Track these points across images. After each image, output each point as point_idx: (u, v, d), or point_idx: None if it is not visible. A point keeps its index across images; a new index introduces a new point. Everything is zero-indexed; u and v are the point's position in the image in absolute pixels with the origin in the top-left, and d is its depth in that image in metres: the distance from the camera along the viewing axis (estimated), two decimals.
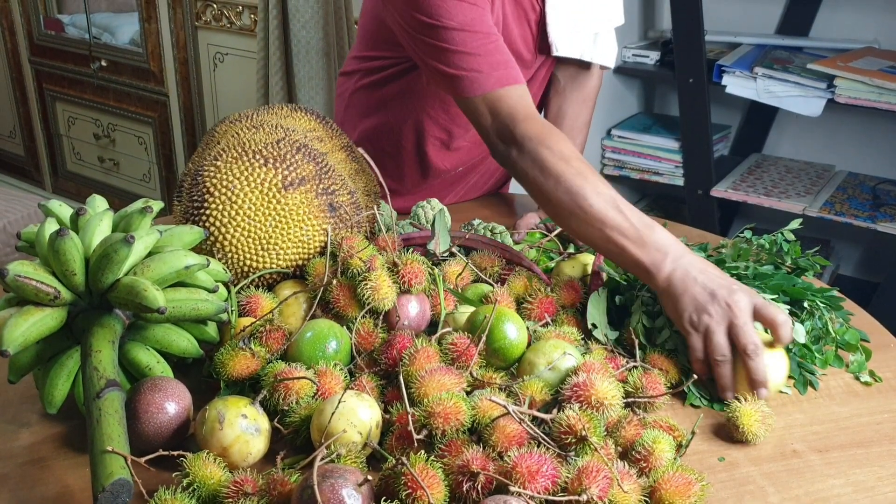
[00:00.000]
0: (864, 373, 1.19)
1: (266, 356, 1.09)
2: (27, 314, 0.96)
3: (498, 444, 0.91)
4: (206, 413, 0.96)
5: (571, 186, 1.21)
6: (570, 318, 1.22)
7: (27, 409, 1.09)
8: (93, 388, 0.92)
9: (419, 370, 1.02)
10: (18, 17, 4.12)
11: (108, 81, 3.90)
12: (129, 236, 0.96)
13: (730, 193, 2.79)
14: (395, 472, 0.86)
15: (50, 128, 4.31)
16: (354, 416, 0.95)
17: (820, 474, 0.98)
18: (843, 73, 2.50)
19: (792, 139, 3.09)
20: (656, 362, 1.12)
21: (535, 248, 1.42)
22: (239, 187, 1.21)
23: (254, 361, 1.07)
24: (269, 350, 1.10)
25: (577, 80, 1.72)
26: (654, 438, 0.94)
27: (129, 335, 1.06)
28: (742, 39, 2.90)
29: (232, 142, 1.29)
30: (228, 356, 1.06)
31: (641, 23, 3.15)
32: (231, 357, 1.06)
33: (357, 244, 1.19)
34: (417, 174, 1.70)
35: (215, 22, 3.34)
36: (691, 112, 2.76)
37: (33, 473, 0.98)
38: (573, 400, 0.97)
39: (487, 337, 1.08)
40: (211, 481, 0.90)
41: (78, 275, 0.98)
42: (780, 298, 1.21)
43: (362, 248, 1.18)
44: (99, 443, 0.87)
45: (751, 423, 1.02)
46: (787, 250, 1.32)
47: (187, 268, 1.04)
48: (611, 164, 3.09)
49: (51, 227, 1.01)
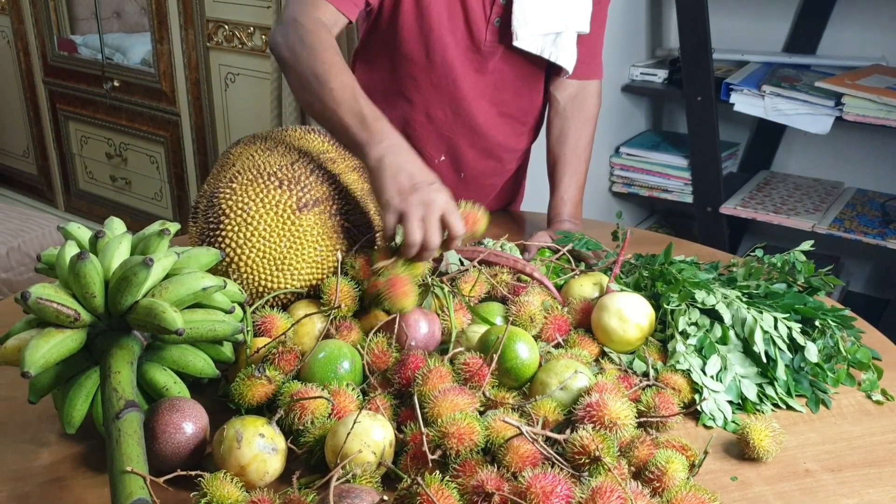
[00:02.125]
0: (876, 391, 1.19)
1: (280, 378, 1.10)
2: (48, 336, 0.97)
3: (512, 465, 0.92)
4: (225, 432, 0.97)
5: (319, 72, 1.34)
6: (583, 338, 1.23)
7: (46, 428, 1.11)
8: (112, 408, 0.94)
9: (432, 390, 1.03)
10: (33, 39, 4.16)
11: (120, 101, 3.94)
12: (149, 259, 0.98)
13: (739, 210, 2.80)
14: (411, 492, 0.87)
15: (63, 147, 4.35)
16: (368, 437, 0.96)
17: (833, 494, 0.99)
18: (850, 91, 2.51)
19: (800, 156, 3.10)
20: (669, 381, 1.13)
21: (546, 266, 1.43)
22: (254, 209, 1.23)
23: (269, 387, 1.08)
24: (283, 371, 1.11)
25: (576, 100, 1.74)
26: (667, 458, 0.94)
27: (146, 356, 1.08)
28: (749, 58, 2.91)
29: (247, 164, 1.31)
30: (245, 386, 1.07)
31: (649, 41, 3.17)
32: (247, 386, 1.07)
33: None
34: None
35: (227, 43, 3.38)
36: (700, 129, 2.77)
37: (53, 492, 0.99)
38: (586, 420, 0.98)
39: (499, 357, 1.09)
40: (228, 501, 0.91)
41: (98, 297, 1.00)
42: (792, 317, 1.21)
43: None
44: (118, 463, 0.88)
45: (762, 440, 1.02)
46: (801, 269, 1.32)
47: (205, 290, 1.06)
48: (619, 182, 3.10)
49: (71, 250, 1.03)
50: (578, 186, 1.74)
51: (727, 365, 1.16)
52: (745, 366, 1.17)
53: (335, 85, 1.32)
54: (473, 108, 1.66)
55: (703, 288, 1.24)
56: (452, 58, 1.59)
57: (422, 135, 1.69)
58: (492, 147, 1.73)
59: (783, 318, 1.20)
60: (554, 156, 1.74)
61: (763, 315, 1.19)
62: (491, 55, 1.61)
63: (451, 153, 1.73)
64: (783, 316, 1.20)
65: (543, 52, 1.63)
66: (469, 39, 1.58)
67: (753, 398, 1.14)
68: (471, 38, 1.58)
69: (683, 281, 1.26)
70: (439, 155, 1.72)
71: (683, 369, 1.15)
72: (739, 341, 1.19)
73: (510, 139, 1.76)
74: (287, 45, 1.40)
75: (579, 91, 1.74)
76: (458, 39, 1.59)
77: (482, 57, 1.61)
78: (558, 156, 1.74)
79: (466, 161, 1.74)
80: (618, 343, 1.21)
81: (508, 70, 1.66)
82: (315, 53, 1.36)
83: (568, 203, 1.71)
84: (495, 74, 1.65)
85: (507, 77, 1.66)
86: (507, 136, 1.74)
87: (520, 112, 1.73)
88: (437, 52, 1.58)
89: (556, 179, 1.74)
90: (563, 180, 1.73)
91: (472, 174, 1.77)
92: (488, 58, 1.62)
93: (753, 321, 1.18)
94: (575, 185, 1.73)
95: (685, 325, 1.20)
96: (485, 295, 1.33)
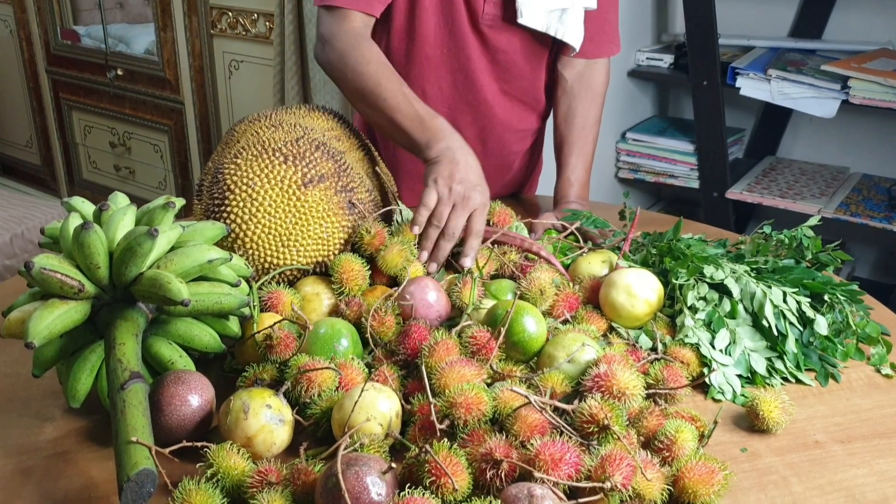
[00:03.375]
0: (885, 365, 1.18)
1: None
2: (52, 307, 0.97)
3: (520, 434, 0.91)
4: (231, 403, 0.96)
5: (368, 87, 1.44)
6: (591, 314, 1.22)
7: (51, 403, 1.10)
8: (117, 380, 0.93)
9: (439, 362, 1.02)
10: (36, 28, 4.15)
11: (123, 90, 3.93)
12: (153, 229, 0.97)
13: (745, 195, 2.79)
14: (419, 460, 0.86)
15: (66, 137, 4.34)
16: (374, 409, 0.95)
17: (843, 464, 0.98)
18: (857, 74, 2.50)
19: (806, 142, 3.09)
20: (677, 355, 1.12)
21: (553, 245, 1.42)
22: (259, 184, 1.22)
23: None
24: (283, 358, 1.09)
25: (584, 77, 1.71)
26: (676, 428, 0.93)
27: (151, 330, 1.07)
28: (755, 42, 2.90)
29: (252, 140, 1.30)
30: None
31: (655, 26, 3.15)
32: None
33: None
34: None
35: (231, 30, 3.37)
36: (706, 114, 2.76)
37: (58, 466, 0.99)
38: (594, 390, 0.97)
39: (507, 330, 1.08)
40: (235, 472, 0.90)
41: (102, 268, 0.99)
42: (801, 292, 1.20)
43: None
44: (123, 434, 0.88)
45: (771, 411, 1.01)
46: (808, 245, 1.31)
47: (210, 262, 1.05)
48: (626, 168, 3.09)
49: (75, 221, 1.02)
50: (585, 167, 1.72)
51: (736, 339, 1.16)
52: (754, 340, 1.16)
53: (387, 94, 1.42)
54: (478, 84, 1.64)
55: (712, 263, 1.23)
56: (458, 31, 1.58)
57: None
58: (493, 125, 1.71)
59: (792, 292, 1.19)
60: (561, 135, 1.73)
61: (772, 289, 1.18)
62: (491, 30, 1.59)
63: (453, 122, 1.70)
64: (792, 290, 1.19)
65: (549, 30, 1.60)
66: (469, 14, 1.57)
67: (763, 372, 1.13)
68: (469, 11, 1.57)
69: (692, 255, 1.25)
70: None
71: (692, 343, 1.15)
72: (748, 315, 1.18)
73: (513, 119, 1.73)
74: (331, 64, 1.50)
75: (587, 68, 1.72)
76: (459, 13, 1.57)
77: (482, 33, 1.59)
78: (565, 136, 1.72)
79: (472, 144, 1.71)
80: (626, 319, 1.21)
81: (512, 48, 1.64)
82: (359, 69, 1.45)
83: (575, 184, 1.70)
84: (499, 53, 1.63)
85: (511, 55, 1.65)
86: (510, 114, 1.72)
87: (522, 91, 1.71)
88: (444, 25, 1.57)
89: (563, 160, 1.72)
90: (569, 161, 1.71)
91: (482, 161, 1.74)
92: (488, 34, 1.60)
93: (763, 295, 1.17)
94: (582, 166, 1.71)
95: (694, 300, 1.19)
96: (493, 273, 1.32)
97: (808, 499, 0.93)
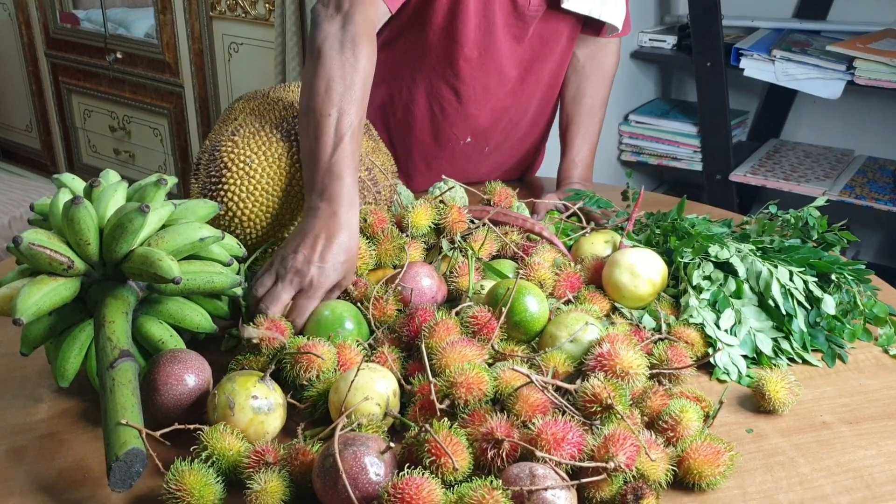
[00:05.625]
0: (893, 346, 1.16)
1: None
2: (40, 283, 0.94)
3: (522, 413, 0.89)
4: (216, 399, 0.93)
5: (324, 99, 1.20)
6: (594, 294, 1.20)
7: (44, 384, 1.08)
8: (106, 358, 0.91)
9: (440, 342, 1.00)
10: (35, 12, 4.12)
11: (123, 73, 3.90)
12: (144, 206, 0.95)
13: (749, 178, 2.76)
14: (419, 439, 0.84)
15: (66, 121, 4.31)
16: (370, 390, 0.93)
17: (851, 445, 0.96)
18: (862, 55, 2.47)
19: (810, 124, 3.06)
20: (682, 335, 1.10)
21: (555, 225, 1.40)
22: (256, 162, 1.20)
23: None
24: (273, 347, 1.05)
25: (596, 57, 1.69)
26: (681, 408, 0.91)
27: (142, 309, 1.05)
28: (759, 24, 2.86)
29: (249, 118, 1.28)
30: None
31: (658, 8, 3.12)
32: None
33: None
34: (433, 146, 1.66)
35: (230, 12, 3.33)
36: (709, 95, 2.73)
37: (50, 447, 0.97)
38: (597, 370, 0.95)
39: (508, 310, 1.06)
40: (230, 453, 0.88)
41: (92, 244, 0.97)
42: (808, 272, 1.18)
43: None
44: (112, 413, 0.86)
45: (777, 391, 0.99)
46: (814, 225, 1.29)
47: (202, 240, 1.03)
48: (629, 150, 3.06)
49: (64, 197, 1.00)
50: (591, 148, 1.69)
51: (741, 319, 1.13)
52: (759, 320, 1.14)
53: (339, 115, 1.20)
54: (507, 79, 1.59)
55: (717, 242, 1.21)
56: (493, 29, 1.50)
57: (449, 113, 1.61)
58: (519, 117, 1.68)
59: (799, 272, 1.17)
60: (567, 115, 1.70)
61: (778, 268, 1.16)
62: (533, 20, 1.53)
63: (476, 132, 1.65)
64: (798, 270, 1.17)
65: (592, 12, 1.56)
66: (511, 5, 1.49)
67: (769, 352, 1.11)
68: (513, 3, 1.49)
69: (697, 234, 1.23)
70: (465, 136, 1.65)
71: (697, 323, 1.12)
72: (754, 295, 1.16)
73: (534, 110, 1.70)
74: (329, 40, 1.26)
75: (599, 49, 1.68)
76: (501, 5, 1.49)
77: (524, 23, 1.52)
78: (572, 115, 1.69)
79: (492, 135, 1.68)
80: (629, 299, 1.18)
81: (547, 34, 1.58)
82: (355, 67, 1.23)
83: (579, 165, 1.67)
84: (533, 40, 1.57)
85: (545, 42, 1.59)
86: (535, 102, 1.69)
87: (551, 77, 1.67)
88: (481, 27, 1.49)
89: (569, 140, 1.69)
90: (574, 142, 1.69)
91: (496, 146, 1.71)
92: (530, 23, 1.53)
93: (769, 274, 1.15)
94: (587, 147, 1.68)
95: (699, 280, 1.17)
96: (494, 254, 1.30)
97: (816, 480, 0.91)
